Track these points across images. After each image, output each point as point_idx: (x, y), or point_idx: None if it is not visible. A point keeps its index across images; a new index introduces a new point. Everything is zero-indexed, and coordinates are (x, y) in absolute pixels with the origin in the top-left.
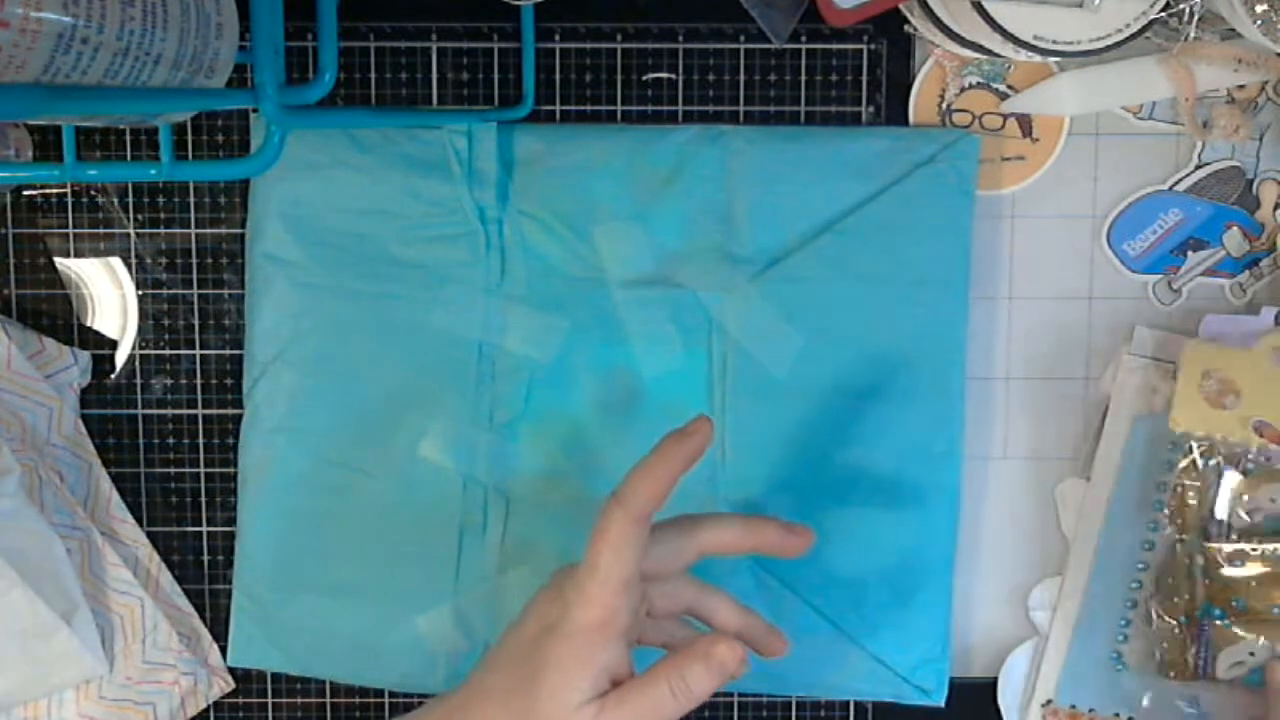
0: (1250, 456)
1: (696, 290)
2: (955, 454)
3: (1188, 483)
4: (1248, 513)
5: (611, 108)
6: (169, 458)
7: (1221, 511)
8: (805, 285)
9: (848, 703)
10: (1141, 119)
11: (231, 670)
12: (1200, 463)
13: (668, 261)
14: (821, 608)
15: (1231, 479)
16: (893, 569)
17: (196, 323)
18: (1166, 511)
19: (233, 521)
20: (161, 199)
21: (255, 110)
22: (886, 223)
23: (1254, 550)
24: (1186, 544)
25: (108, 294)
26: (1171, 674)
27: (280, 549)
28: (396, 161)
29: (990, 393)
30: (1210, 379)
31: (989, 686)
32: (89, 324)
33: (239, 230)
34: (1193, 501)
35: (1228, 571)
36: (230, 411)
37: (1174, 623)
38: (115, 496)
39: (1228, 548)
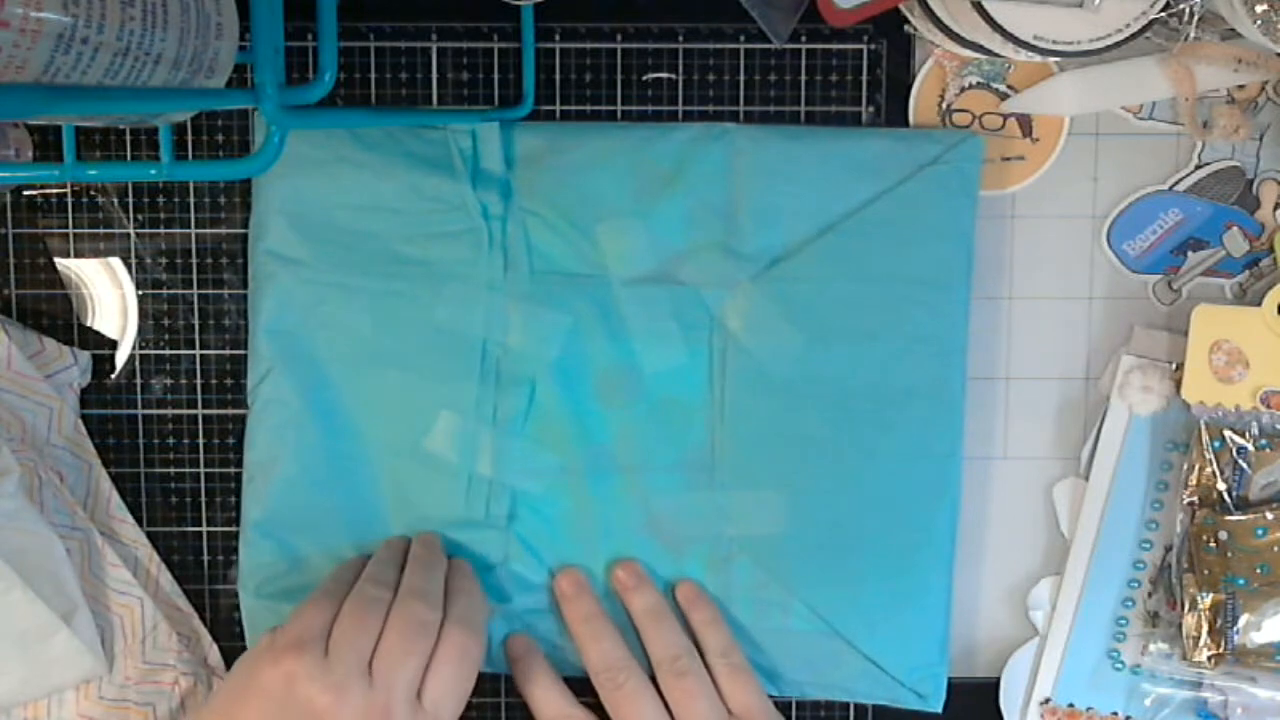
0: (1261, 427)
1: (699, 287)
2: (955, 455)
3: (1199, 463)
4: (1265, 484)
5: (611, 108)
6: (169, 458)
7: (1239, 484)
8: (807, 284)
9: (847, 704)
10: (1141, 119)
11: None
12: (1208, 442)
13: (670, 259)
14: (818, 607)
15: (1245, 452)
16: (891, 570)
17: (196, 323)
18: (1184, 492)
19: (233, 521)
20: (161, 199)
21: (255, 110)
22: (889, 223)
23: (1273, 517)
24: (1205, 521)
25: (108, 294)
26: (1198, 657)
27: (288, 545)
28: (400, 158)
29: (990, 393)
30: (1219, 351)
31: (990, 687)
32: (89, 324)
33: (239, 230)
34: (1207, 480)
35: (1251, 541)
36: (230, 411)
37: (1200, 600)
38: (115, 496)
39: (1248, 517)
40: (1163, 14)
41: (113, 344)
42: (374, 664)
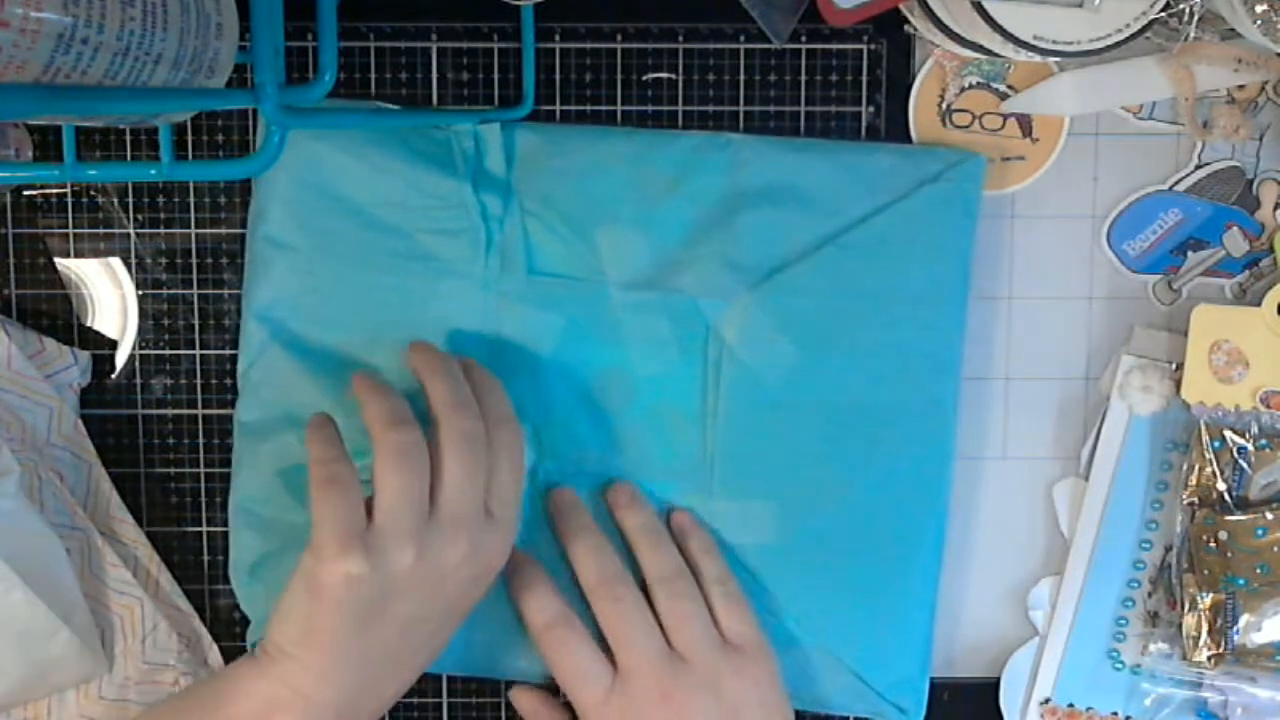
0: (1261, 427)
1: (695, 296)
2: (944, 473)
3: (1199, 463)
4: (1265, 484)
5: (611, 108)
6: (169, 458)
7: (1239, 484)
8: (803, 297)
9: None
10: (1141, 119)
11: None
12: (1208, 442)
13: (668, 266)
14: (802, 618)
15: (1245, 452)
16: (876, 584)
17: (196, 323)
18: (1184, 492)
19: None
20: (161, 199)
21: (246, 110)
22: (888, 239)
23: (1273, 517)
24: (1205, 521)
25: (108, 294)
26: (1198, 657)
27: (279, 526)
28: (402, 153)
29: (990, 393)
30: (1219, 351)
31: (989, 686)
32: (89, 324)
33: (239, 230)
34: (1207, 480)
35: (1251, 541)
36: (230, 411)
37: (1200, 600)
38: (115, 496)
39: (1248, 517)
40: (1163, 14)
41: (113, 344)
42: (439, 500)
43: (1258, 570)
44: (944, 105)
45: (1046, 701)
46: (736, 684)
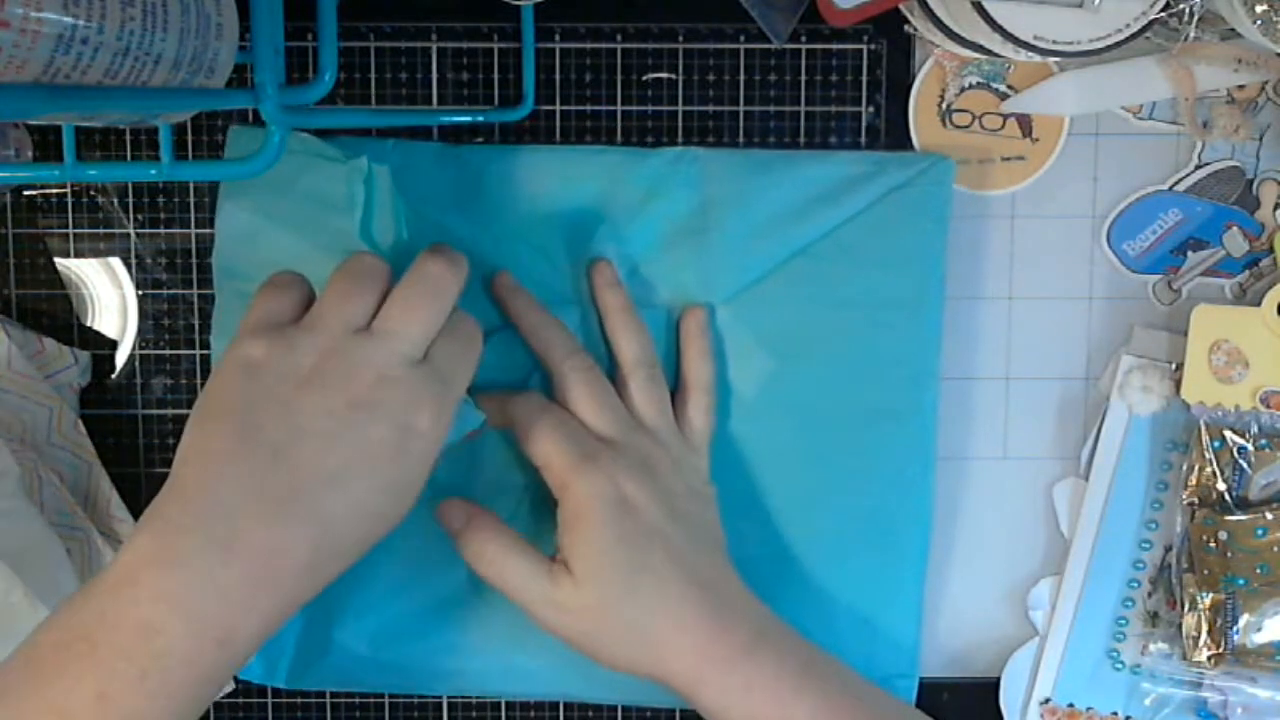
0: (1261, 427)
1: (670, 310)
2: (926, 479)
3: (1199, 463)
4: (1265, 484)
5: (611, 108)
6: (169, 458)
7: (1239, 484)
8: (777, 308)
9: None
10: (1141, 119)
11: None
12: (1208, 442)
13: (641, 283)
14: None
15: (1245, 452)
16: (860, 592)
17: (196, 323)
18: (1184, 492)
19: None
20: (161, 199)
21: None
22: (860, 246)
23: (1273, 517)
24: (1205, 521)
25: (108, 294)
26: (1198, 657)
27: None
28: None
29: (990, 393)
30: (1219, 351)
31: (989, 686)
32: (89, 324)
33: None
34: (1207, 480)
35: (1251, 541)
36: None
37: (1200, 600)
38: (115, 497)
39: (1248, 517)
40: (1163, 14)
41: (113, 344)
42: (378, 324)
43: (1258, 570)
44: (944, 105)
45: (1046, 701)
46: (693, 471)
